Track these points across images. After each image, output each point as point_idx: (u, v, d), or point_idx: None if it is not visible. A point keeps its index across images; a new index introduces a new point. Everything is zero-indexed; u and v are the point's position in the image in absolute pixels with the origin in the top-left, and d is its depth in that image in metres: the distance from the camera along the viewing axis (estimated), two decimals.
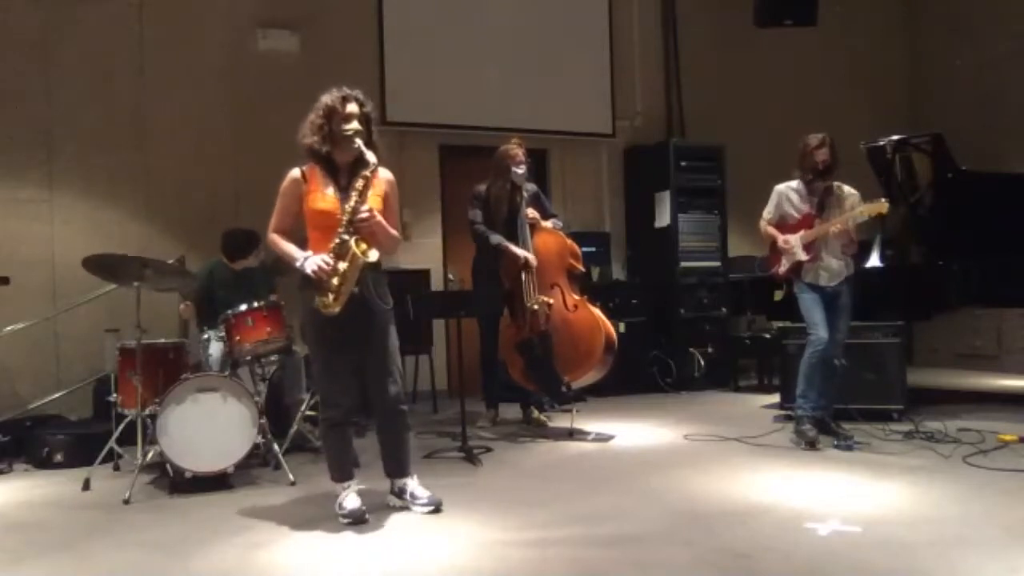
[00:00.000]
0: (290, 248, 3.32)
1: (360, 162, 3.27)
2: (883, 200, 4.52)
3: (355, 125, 3.25)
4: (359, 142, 3.23)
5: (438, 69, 6.83)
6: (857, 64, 8.66)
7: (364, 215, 3.22)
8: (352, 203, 3.22)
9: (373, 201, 3.30)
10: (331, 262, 3.20)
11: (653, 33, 7.98)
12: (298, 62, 6.41)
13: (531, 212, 5.13)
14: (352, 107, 3.28)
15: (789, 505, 3.40)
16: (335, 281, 3.19)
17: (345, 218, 3.22)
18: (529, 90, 7.16)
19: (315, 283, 3.22)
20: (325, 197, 3.29)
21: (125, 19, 6.02)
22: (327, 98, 3.30)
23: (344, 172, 3.33)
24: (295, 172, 3.35)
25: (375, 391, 3.44)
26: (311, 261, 3.21)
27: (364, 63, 6.62)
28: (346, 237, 3.20)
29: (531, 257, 4.97)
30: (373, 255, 3.22)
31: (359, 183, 3.23)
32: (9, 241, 5.61)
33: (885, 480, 3.75)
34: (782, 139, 5.38)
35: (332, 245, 3.21)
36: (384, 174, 3.40)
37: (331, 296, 3.19)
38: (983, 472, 3.86)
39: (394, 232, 3.40)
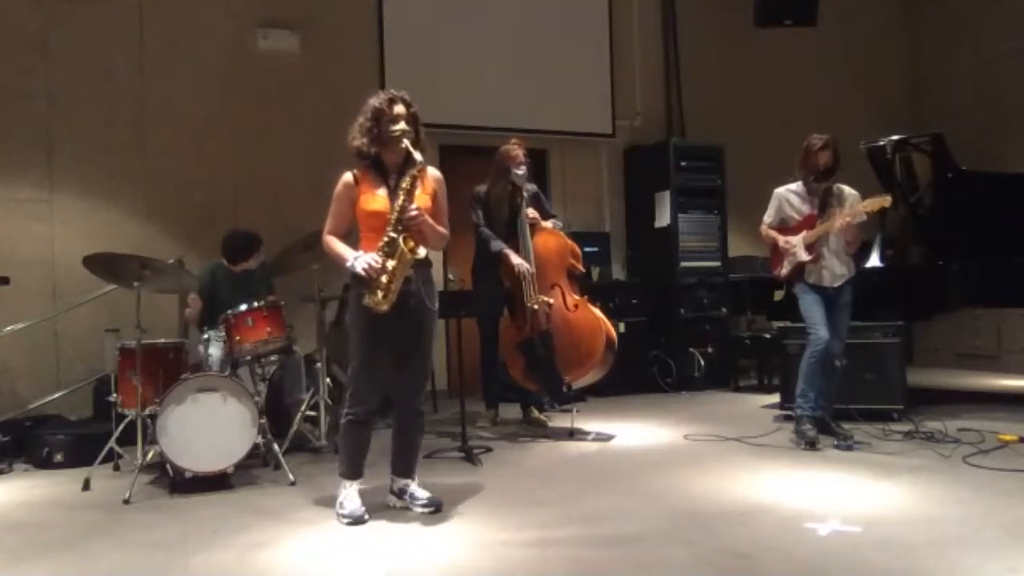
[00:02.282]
0: (343, 249, 3.35)
1: (409, 162, 3.30)
2: (886, 195, 4.52)
3: (402, 126, 3.28)
4: (406, 142, 3.26)
5: (438, 69, 6.83)
6: (857, 64, 8.66)
7: (413, 213, 3.25)
8: (400, 202, 3.25)
9: (421, 200, 3.32)
10: (380, 261, 3.22)
11: (653, 33, 7.98)
12: (298, 62, 6.41)
13: (531, 212, 5.13)
14: (399, 108, 3.31)
15: (789, 505, 3.40)
16: (384, 279, 3.22)
17: (394, 217, 3.25)
18: (529, 90, 7.16)
19: (365, 282, 3.25)
20: (376, 198, 3.33)
21: (125, 19, 6.02)
22: (374, 100, 3.33)
23: (394, 173, 3.36)
24: (347, 176, 3.38)
25: (403, 390, 3.47)
26: (361, 260, 3.24)
27: (364, 63, 6.61)
28: (394, 235, 3.23)
29: (527, 268, 4.96)
30: (421, 252, 3.26)
31: (406, 182, 3.26)
32: (9, 241, 5.61)
33: (885, 480, 3.75)
34: (782, 139, 5.38)
35: (381, 244, 3.24)
36: (432, 172, 3.44)
37: (380, 294, 3.22)
38: (983, 472, 3.86)
39: (442, 230, 3.43)
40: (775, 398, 5.77)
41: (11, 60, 5.70)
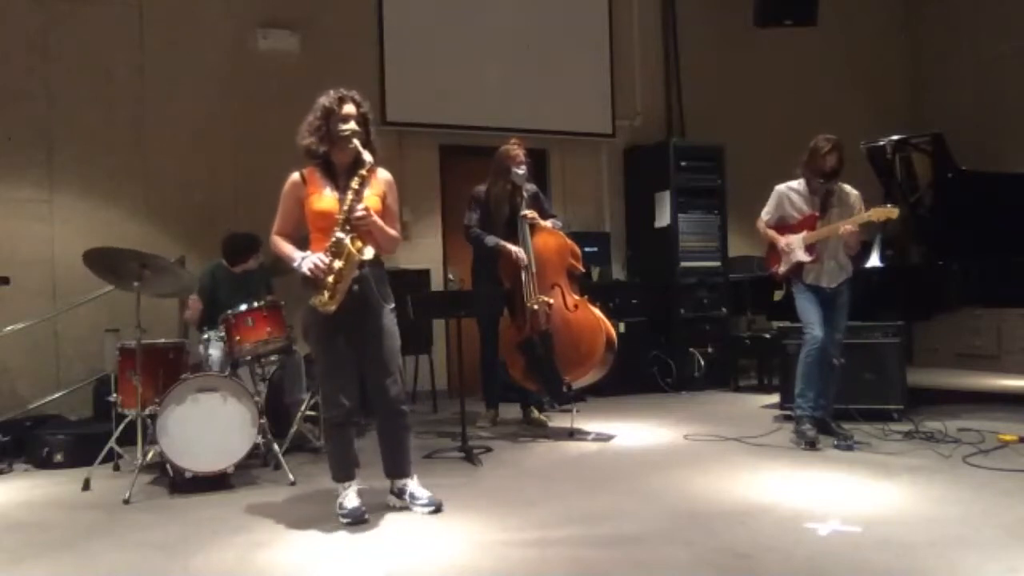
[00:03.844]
0: (289, 249, 3.36)
1: (358, 162, 3.29)
2: (894, 207, 4.49)
3: (352, 125, 3.28)
4: (356, 142, 3.26)
5: (438, 69, 6.83)
6: (857, 64, 8.66)
7: (360, 213, 3.24)
8: (348, 202, 3.24)
9: (371, 201, 3.32)
10: (327, 261, 3.21)
11: (653, 33, 7.98)
12: (298, 62, 6.41)
13: (531, 213, 5.12)
14: (349, 107, 3.31)
15: (789, 505, 3.40)
16: (331, 279, 3.21)
17: (341, 216, 3.23)
18: (529, 90, 7.16)
19: (312, 282, 3.24)
20: (324, 198, 3.32)
21: (125, 19, 6.02)
22: (324, 99, 3.33)
23: (343, 173, 3.35)
24: (295, 175, 3.37)
25: (376, 391, 3.44)
26: (307, 260, 3.24)
27: (364, 63, 6.62)
28: (342, 235, 3.22)
29: (522, 255, 4.96)
30: (368, 253, 3.23)
31: (355, 182, 3.26)
32: (9, 241, 5.61)
33: (885, 480, 3.75)
34: (782, 139, 5.39)
35: (328, 244, 3.24)
36: (383, 175, 3.43)
37: (327, 294, 3.21)
38: (983, 472, 3.86)
39: (393, 232, 3.42)
40: (775, 398, 5.77)
41: (11, 60, 5.70)
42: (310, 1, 6.56)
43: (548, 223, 5.19)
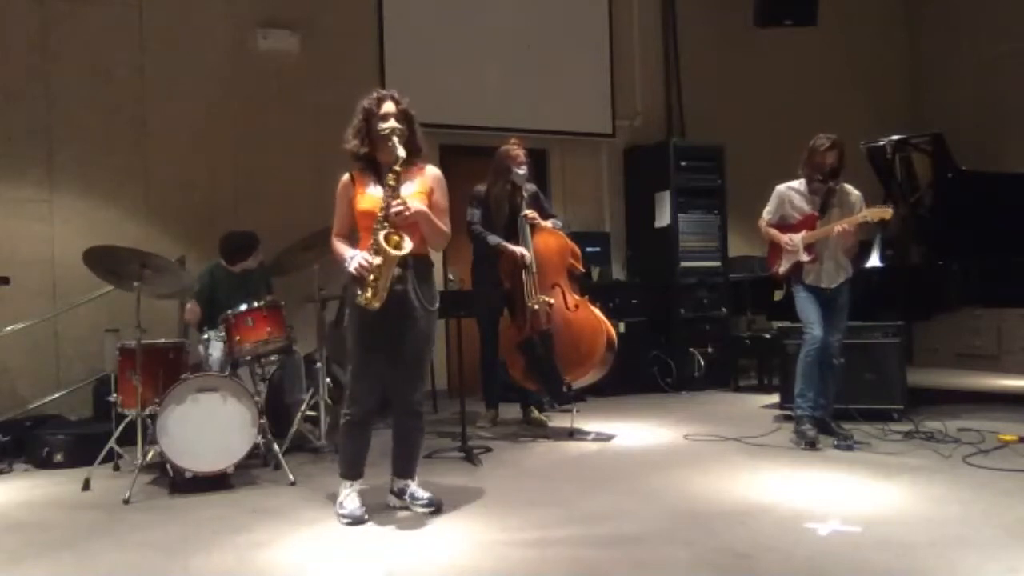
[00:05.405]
0: (343, 249, 3.37)
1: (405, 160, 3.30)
2: (888, 207, 4.52)
3: (392, 124, 3.29)
4: (395, 139, 3.26)
5: (438, 69, 6.83)
6: (857, 64, 8.66)
7: (397, 208, 3.24)
8: (384, 198, 3.25)
9: (417, 197, 3.33)
10: (370, 259, 3.23)
11: (653, 33, 7.98)
12: (298, 62, 6.41)
13: (531, 213, 5.12)
14: (388, 106, 3.32)
15: (789, 505, 3.40)
16: (372, 277, 3.22)
17: (380, 214, 3.24)
18: (529, 90, 7.16)
19: (357, 280, 3.26)
20: (368, 197, 3.34)
21: (125, 19, 6.02)
22: (364, 101, 3.36)
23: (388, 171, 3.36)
24: (345, 176, 3.40)
25: (400, 391, 3.46)
26: (354, 259, 3.25)
27: (364, 63, 6.61)
28: (377, 231, 3.23)
29: (527, 253, 4.96)
30: (407, 245, 3.24)
31: (390, 178, 3.26)
32: (9, 241, 5.61)
33: (885, 480, 3.75)
34: (782, 139, 5.39)
35: (371, 242, 3.25)
36: (431, 171, 3.45)
37: (371, 292, 3.21)
38: (983, 472, 3.86)
39: (443, 227, 3.42)
40: (775, 398, 5.77)
41: (11, 60, 5.70)
42: (310, 1, 6.55)
43: (548, 223, 5.19)
